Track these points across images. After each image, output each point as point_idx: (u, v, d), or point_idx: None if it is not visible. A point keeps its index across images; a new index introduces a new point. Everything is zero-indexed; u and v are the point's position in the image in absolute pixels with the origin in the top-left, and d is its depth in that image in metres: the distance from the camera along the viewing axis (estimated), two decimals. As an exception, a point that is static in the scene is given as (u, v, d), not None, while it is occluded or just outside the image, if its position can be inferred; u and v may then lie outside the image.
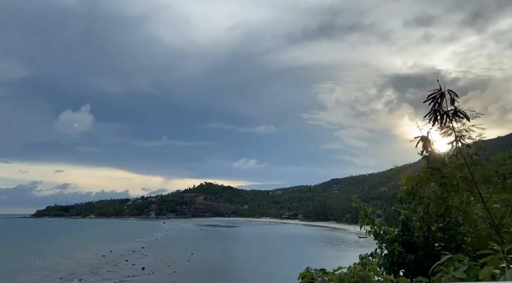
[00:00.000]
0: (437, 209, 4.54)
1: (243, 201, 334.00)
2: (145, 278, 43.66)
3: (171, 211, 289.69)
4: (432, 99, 3.95)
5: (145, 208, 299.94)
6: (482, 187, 4.06)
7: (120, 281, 41.67)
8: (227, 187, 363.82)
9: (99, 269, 49.49)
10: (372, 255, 5.38)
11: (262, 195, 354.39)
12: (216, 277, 44.43)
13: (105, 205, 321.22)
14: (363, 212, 5.61)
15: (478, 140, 3.94)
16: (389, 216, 5.84)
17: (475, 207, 4.47)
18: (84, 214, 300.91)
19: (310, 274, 2.70)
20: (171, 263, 54.04)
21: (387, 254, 5.03)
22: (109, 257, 60.98)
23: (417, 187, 4.56)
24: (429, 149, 4.22)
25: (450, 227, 4.89)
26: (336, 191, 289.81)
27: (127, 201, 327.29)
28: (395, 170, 4.98)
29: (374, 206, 6.54)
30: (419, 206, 5.20)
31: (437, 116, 3.94)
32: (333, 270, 2.75)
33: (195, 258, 59.73)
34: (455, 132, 3.97)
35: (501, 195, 4.08)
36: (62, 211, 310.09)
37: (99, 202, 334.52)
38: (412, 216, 5.34)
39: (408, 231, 5.21)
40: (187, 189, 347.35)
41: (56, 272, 46.60)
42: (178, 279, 42.92)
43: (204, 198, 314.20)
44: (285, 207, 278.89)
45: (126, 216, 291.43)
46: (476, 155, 3.99)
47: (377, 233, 5.39)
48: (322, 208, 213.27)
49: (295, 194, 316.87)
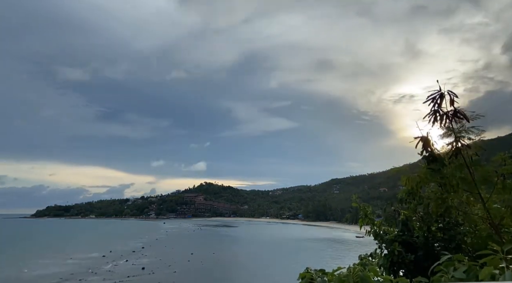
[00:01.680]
0: (437, 209, 4.54)
1: (243, 201, 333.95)
2: (145, 278, 43.65)
3: (171, 211, 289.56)
4: (432, 99, 3.95)
5: (145, 208, 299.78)
6: (482, 187, 4.06)
7: (120, 281, 41.66)
8: (227, 187, 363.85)
9: (99, 269, 49.50)
10: (371, 255, 5.39)
11: (262, 195, 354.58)
12: (216, 277, 44.43)
13: (105, 205, 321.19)
14: (363, 212, 5.61)
15: (477, 140, 3.94)
16: (389, 216, 5.84)
17: (475, 207, 4.46)
18: (84, 214, 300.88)
19: (310, 274, 2.70)
20: (171, 263, 54.04)
21: (387, 254, 5.03)
22: (109, 257, 61.00)
23: (417, 187, 4.56)
24: (429, 149, 4.22)
25: (450, 227, 4.89)
26: (336, 191, 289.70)
27: (127, 201, 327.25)
28: (395, 170, 4.98)
29: (374, 206, 6.54)
30: (419, 206, 5.20)
31: (437, 117, 3.94)
32: (333, 270, 2.75)
33: (195, 258, 59.74)
34: (455, 133, 3.97)
35: (501, 196, 4.08)
36: (62, 211, 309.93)
37: (99, 202, 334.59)
38: (412, 216, 5.34)
39: (408, 231, 5.21)
40: (187, 189, 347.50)
41: (56, 272, 46.58)
42: (178, 279, 42.91)
43: (204, 198, 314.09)
44: (285, 207, 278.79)
45: (126, 216, 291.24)
46: (476, 155, 3.99)
47: (377, 233, 5.39)
48: (322, 208, 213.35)
49: (295, 194, 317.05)
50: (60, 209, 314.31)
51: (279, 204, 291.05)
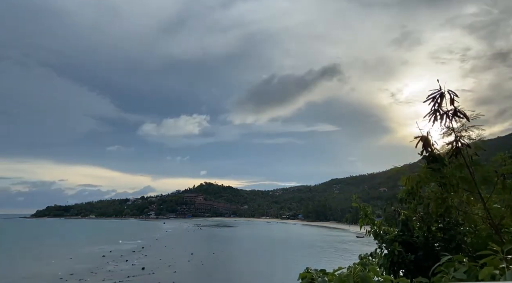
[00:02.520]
0: (437, 209, 4.53)
1: (243, 201, 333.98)
2: (145, 278, 43.64)
3: (171, 211, 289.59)
4: (432, 99, 3.94)
5: (145, 208, 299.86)
6: (482, 187, 4.05)
7: (120, 281, 41.64)
8: (227, 187, 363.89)
9: (99, 269, 49.46)
10: (372, 255, 5.38)
11: (262, 195, 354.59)
12: (216, 277, 44.42)
13: (105, 205, 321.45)
14: (363, 212, 5.60)
15: (477, 140, 3.93)
16: (389, 216, 5.83)
17: (475, 207, 4.46)
18: (84, 214, 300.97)
19: (310, 274, 2.70)
20: (171, 263, 54.02)
21: (387, 254, 5.02)
22: (109, 257, 60.98)
23: (417, 187, 4.55)
24: (429, 149, 4.22)
25: (450, 227, 4.87)
26: (336, 191, 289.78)
27: (127, 201, 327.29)
28: (395, 170, 4.97)
29: (374, 206, 6.54)
30: (419, 206, 5.19)
31: (437, 116, 3.93)
32: (333, 270, 2.74)
33: (195, 258, 59.74)
34: (455, 132, 3.96)
35: (501, 196, 4.07)
36: (62, 211, 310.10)
37: (99, 202, 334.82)
38: (412, 216, 5.32)
39: (408, 231, 5.20)
40: (187, 189, 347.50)
41: (56, 272, 46.54)
42: (178, 279, 42.88)
43: (204, 198, 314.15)
44: (285, 207, 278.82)
45: (126, 216, 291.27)
46: (476, 155, 3.98)
47: (377, 233, 5.38)
48: (322, 208, 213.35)
49: (295, 194, 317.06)
50: (60, 209, 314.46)
51: (279, 204, 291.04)
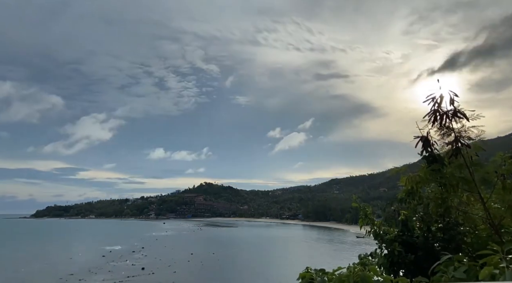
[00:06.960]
0: (437, 209, 4.54)
1: (243, 201, 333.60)
2: (145, 278, 43.65)
3: (171, 212, 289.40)
4: (432, 99, 3.95)
5: (145, 208, 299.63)
6: (482, 187, 4.06)
7: (120, 281, 41.66)
8: (227, 187, 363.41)
9: (99, 269, 49.48)
10: (371, 255, 5.38)
11: (262, 195, 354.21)
12: (216, 277, 44.43)
13: (104, 205, 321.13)
14: (363, 212, 5.61)
15: (477, 140, 3.94)
16: (389, 216, 5.84)
17: (475, 207, 4.46)
18: (84, 214, 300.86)
19: (310, 274, 2.70)
20: (171, 263, 54.03)
21: (387, 254, 5.03)
22: (109, 257, 60.99)
23: (417, 187, 4.56)
24: (429, 149, 4.22)
25: (450, 227, 4.88)
26: (336, 191, 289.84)
27: (127, 201, 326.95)
28: (395, 170, 4.98)
29: (374, 206, 6.54)
30: (419, 206, 5.19)
31: (437, 117, 3.94)
32: (333, 270, 2.74)
33: (195, 258, 59.74)
34: (455, 133, 3.96)
35: (501, 196, 4.07)
36: (62, 211, 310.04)
37: (98, 202, 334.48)
38: (412, 216, 5.33)
39: (408, 231, 5.21)
40: (187, 189, 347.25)
41: (56, 272, 46.55)
42: (178, 279, 42.89)
43: (204, 198, 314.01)
44: (285, 207, 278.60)
45: (126, 216, 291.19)
46: (476, 155, 3.98)
47: (377, 233, 5.39)
48: (322, 208, 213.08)
49: (295, 194, 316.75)
50: (60, 209, 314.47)
51: (279, 204, 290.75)
